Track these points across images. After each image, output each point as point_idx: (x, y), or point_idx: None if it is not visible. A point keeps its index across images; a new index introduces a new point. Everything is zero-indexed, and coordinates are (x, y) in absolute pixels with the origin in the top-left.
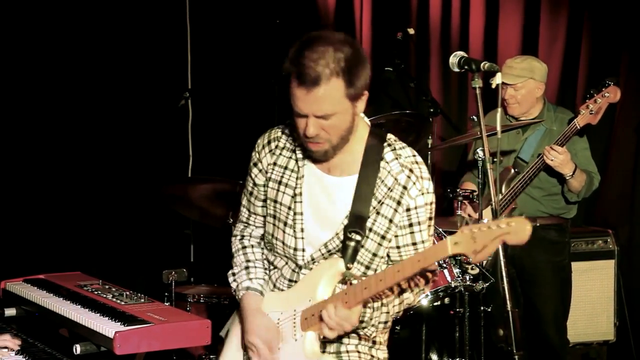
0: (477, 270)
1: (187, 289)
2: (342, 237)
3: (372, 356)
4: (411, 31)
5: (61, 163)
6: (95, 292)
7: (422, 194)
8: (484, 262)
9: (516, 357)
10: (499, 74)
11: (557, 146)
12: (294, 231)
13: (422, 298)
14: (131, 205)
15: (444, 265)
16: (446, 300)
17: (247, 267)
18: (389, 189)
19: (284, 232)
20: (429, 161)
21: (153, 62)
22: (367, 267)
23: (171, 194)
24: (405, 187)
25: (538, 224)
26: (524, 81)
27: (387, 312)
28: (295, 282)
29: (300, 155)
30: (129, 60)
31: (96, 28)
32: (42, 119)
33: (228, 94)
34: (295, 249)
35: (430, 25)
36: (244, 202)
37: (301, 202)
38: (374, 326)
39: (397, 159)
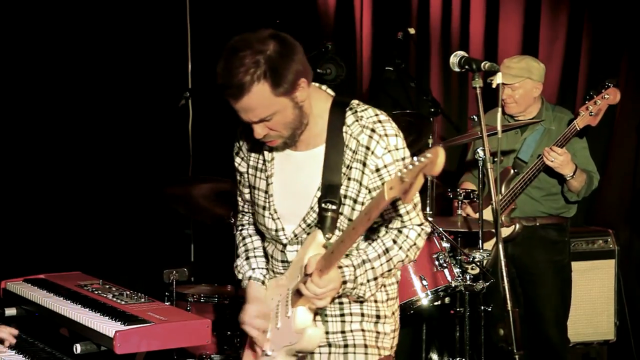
0: (477, 270)
1: (187, 288)
2: (317, 210)
3: (378, 332)
4: (412, 31)
5: (61, 163)
6: (96, 292)
7: (389, 151)
8: (485, 262)
9: (516, 356)
10: (499, 74)
11: (556, 147)
12: (270, 213)
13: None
14: (132, 204)
15: (444, 264)
16: (446, 299)
17: (247, 258)
18: (354, 152)
19: (263, 215)
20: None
21: (153, 62)
22: (341, 213)
23: (172, 193)
24: (367, 148)
25: (538, 224)
26: (521, 81)
27: (373, 269)
28: (286, 261)
29: None
30: (129, 60)
31: (96, 28)
32: (42, 119)
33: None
34: (276, 230)
35: (430, 24)
36: (237, 191)
37: (272, 183)
38: (362, 284)
39: (357, 120)
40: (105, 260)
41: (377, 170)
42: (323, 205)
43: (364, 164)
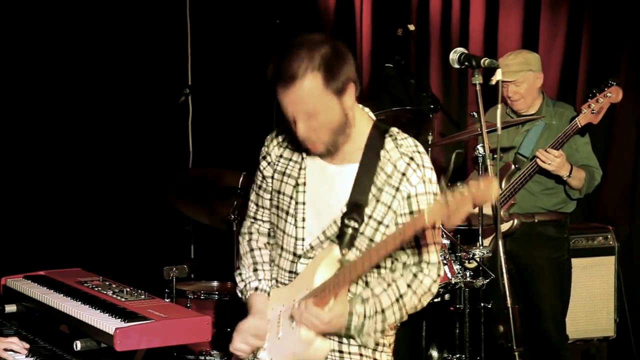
0: (474, 264)
1: (187, 285)
2: (339, 224)
3: (375, 359)
4: (411, 27)
5: (62, 159)
6: (96, 289)
7: (424, 182)
8: (483, 258)
9: (516, 353)
10: (499, 70)
11: (552, 149)
12: (295, 220)
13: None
14: (132, 201)
15: (444, 261)
16: (446, 296)
17: (255, 270)
18: (388, 176)
19: (286, 221)
20: (428, 156)
21: (153, 59)
22: (362, 233)
23: (172, 189)
24: (404, 174)
25: (536, 220)
26: (523, 75)
27: (384, 321)
28: (295, 273)
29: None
30: (130, 57)
31: (97, 24)
32: (43, 116)
33: (228, 90)
34: (295, 238)
35: (430, 21)
36: (252, 196)
37: (304, 192)
38: (369, 335)
39: (397, 147)
40: (105, 257)
41: (409, 197)
42: (346, 221)
43: (397, 189)
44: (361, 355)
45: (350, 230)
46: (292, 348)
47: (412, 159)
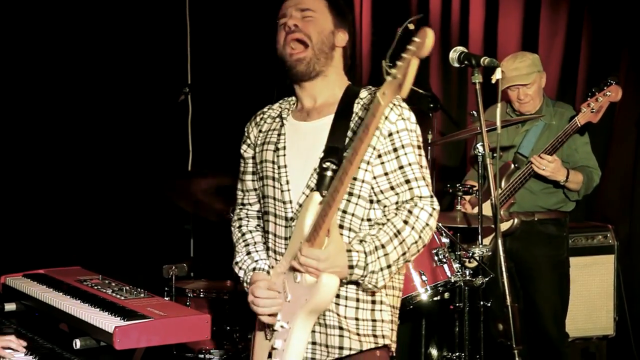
0: (474, 263)
1: (187, 283)
2: (318, 170)
3: (374, 320)
4: (411, 26)
5: (61, 158)
6: (95, 287)
7: (402, 118)
8: (483, 257)
9: (515, 351)
10: (498, 69)
11: (545, 155)
12: (281, 184)
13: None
14: (131, 199)
15: (444, 260)
16: (446, 295)
17: (249, 253)
18: (362, 118)
19: (273, 187)
20: (429, 156)
21: (153, 57)
22: (351, 194)
23: (171, 188)
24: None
25: (536, 219)
26: (534, 77)
27: (386, 255)
28: (290, 238)
29: (284, 115)
30: (129, 56)
31: (96, 24)
32: (42, 115)
33: (228, 88)
34: (284, 202)
35: (430, 20)
36: (238, 185)
37: (284, 155)
38: (375, 272)
39: (370, 94)
40: (105, 256)
41: (390, 134)
42: (323, 165)
43: (377, 128)
44: (357, 319)
45: (329, 173)
46: (303, 297)
47: None
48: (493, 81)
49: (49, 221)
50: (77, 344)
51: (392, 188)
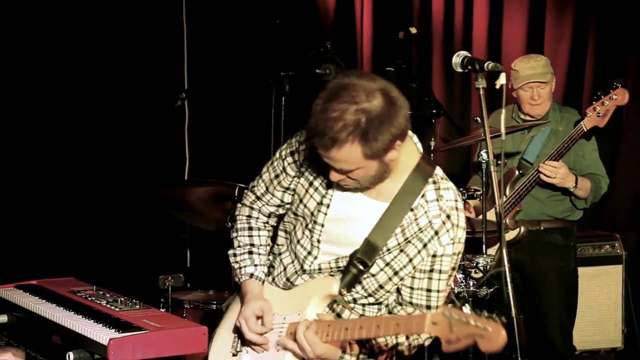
0: (480, 274)
1: (183, 294)
2: (348, 261)
3: None
4: (413, 30)
5: (55, 166)
6: (89, 298)
7: (453, 243)
8: (488, 267)
9: None
10: (503, 74)
11: (551, 161)
12: (311, 238)
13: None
14: (126, 209)
15: None
16: (449, 306)
17: (250, 252)
18: (420, 229)
19: (303, 232)
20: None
21: (149, 63)
22: (369, 295)
23: (167, 197)
24: (437, 233)
25: (542, 228)
26: (550, 77)
27: None
28: (293, 284)
29: None
30: (125, 62)
31: (92, 30)
32: (35, 122)
33: (225, 95)
34: (308, 253)
35: (432, 24)
36: (265, 177)
37: (326, 214)
38: None
39: (438, 200)
40: (99, 266)
41: (434, 256)
42: (354, 260)
43: (425, 246)
44: None
45: (355, 271)
46: None
47: (448, 217)
48: (497, 86)
49: (42, 230)
50: (71, 356)
51: (411, 303)
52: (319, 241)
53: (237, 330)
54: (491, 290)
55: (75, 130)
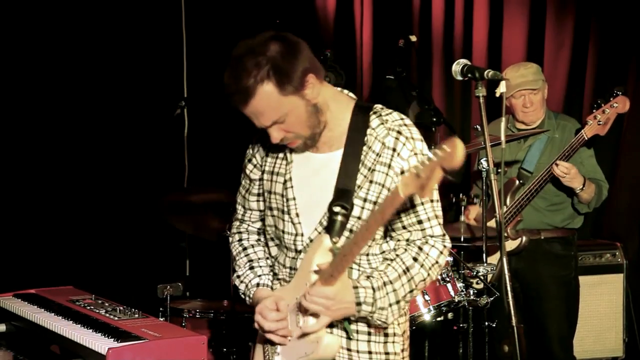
0: (481, 285)
1: (182, 303)
2: (328, 213)
3: (387, 352)
4: (413, 38)
5: (54, 175)
6: (88, 307)
7: (415, 154)
8: (488, 277)
9: None
10: (503, 83)
11: (562, 162)
12: (291, 217)
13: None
14: (125, 217)
15: (447, 279)
16: (449, 315)
17: (252, 267)
18: (377, 154)
19: (283, 220)
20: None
21: (148, 71)
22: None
23: (166, 204)
24: (394, 149)
25: (542, 237)
26: (541, 84)
27: (394, 291)
28: (295, 269)
29: None
30: (125, 70)
31: (92, 37)
32: (35, 130)
33: (224, 103)
34: (295, 235)
35: (432, 32)
36: (239, 199)
37: (292, 186)
38: (383, 309)
39: (383, 124)
40: (98, 275)
41: (402, 172)
42: (333, 209)
43: (389, 166)
44: (370, 352)
45: (339, 218)
46: (303, 349)
47: (399, 132)
48: (497, 94)
49: (41, 239)
50: None
51: (404, 227)
52: (297, 215)
53: (264, 340)
54: (491, 299)
55: (75, 138)
